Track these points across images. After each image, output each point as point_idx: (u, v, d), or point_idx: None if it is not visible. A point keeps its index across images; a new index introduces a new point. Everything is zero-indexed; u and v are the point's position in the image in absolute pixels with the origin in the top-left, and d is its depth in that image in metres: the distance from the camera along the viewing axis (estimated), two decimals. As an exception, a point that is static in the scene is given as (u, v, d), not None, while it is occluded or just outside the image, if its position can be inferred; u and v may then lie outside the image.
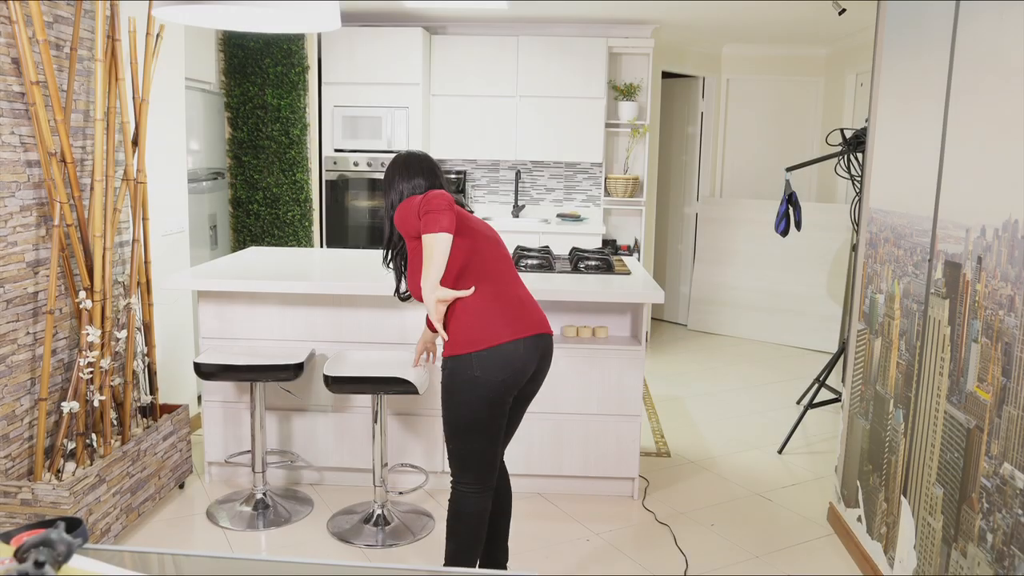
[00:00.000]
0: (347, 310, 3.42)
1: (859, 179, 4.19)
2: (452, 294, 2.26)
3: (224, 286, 3.26)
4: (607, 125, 5.98)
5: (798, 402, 4.95)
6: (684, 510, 3.44)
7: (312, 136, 5.38)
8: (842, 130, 4.35)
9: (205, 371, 3.11)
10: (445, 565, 2.54)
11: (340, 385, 2.97)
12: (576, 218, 6.12)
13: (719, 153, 7.00)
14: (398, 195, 2.44)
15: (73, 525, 0.97)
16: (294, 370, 3.11)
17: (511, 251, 4.48)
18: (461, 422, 2.34)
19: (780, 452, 4.13)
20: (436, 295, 2.22)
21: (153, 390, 3.39)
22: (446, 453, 2.45)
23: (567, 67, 5.82)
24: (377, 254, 4.09)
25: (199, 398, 4.17)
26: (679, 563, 2.99)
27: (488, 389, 2.30)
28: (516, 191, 6.21)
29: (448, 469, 2.63)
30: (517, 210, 6.21)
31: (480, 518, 2.44)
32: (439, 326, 2.25)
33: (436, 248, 2.19)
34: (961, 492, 2.20)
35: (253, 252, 4.05)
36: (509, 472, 3.02)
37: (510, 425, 2.53)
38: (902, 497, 2.62)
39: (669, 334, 6.78)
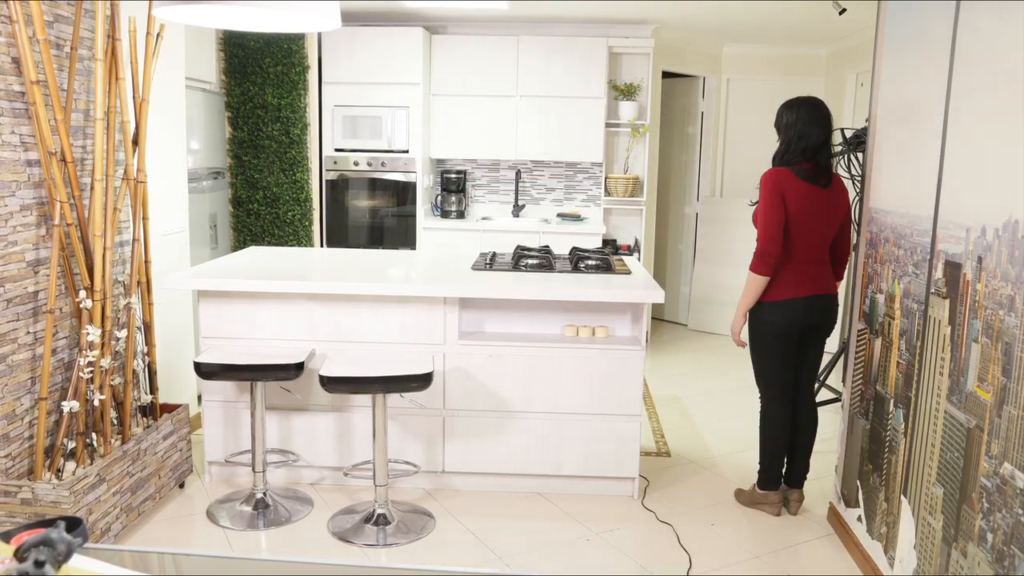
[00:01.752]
0: (347, 310, 3.42)
1: (859, 179, 4.19)
2: (738, 334, 3.30)
3: (224, 286, 3.26)
4: (607, 125, 5.97)
5: (798, 402, 4.95)
6: (684, 510, 3.44)
7: (312, 136, 5.37)
8: (842, 130, 4.35)
9: (205, 371, 3.11)
10: (760, 463, 3.35)
11: (335, 385, 2.98)
12: (576, 218, 6.12)
13: (719, 153, 6.99)
14: (785, 133, 3.18)
15: (73, 524, 0.97)
16: (294, 370, 3.11)
17: (511, 250, 4.48)
18: (756, 348, 3.27)
19: (780, 452, 4.13)
20: (738, 317, 3.28)
21: (153, 390, 3.39)
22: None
23: (567, 67, 5.82)
24: (377, 254, 4.09)
25: (199, 398, 4.17)
26: (679, 563, 2.99)
27: (771, 327, 3.20)
28: (516, 191, 6.21)
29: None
30: (517, 210, 6.21)
31: (779, 424, 3.27)
32: (739, 332, 3.29)
33: (753, 285, 3.17)
34: (961, 492, 2.20)
35: (253, 251, 4.05)
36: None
37: (807, 358, 3.29)
38: (902, 497, 2.61)
39: (669, 334, 6.78)
